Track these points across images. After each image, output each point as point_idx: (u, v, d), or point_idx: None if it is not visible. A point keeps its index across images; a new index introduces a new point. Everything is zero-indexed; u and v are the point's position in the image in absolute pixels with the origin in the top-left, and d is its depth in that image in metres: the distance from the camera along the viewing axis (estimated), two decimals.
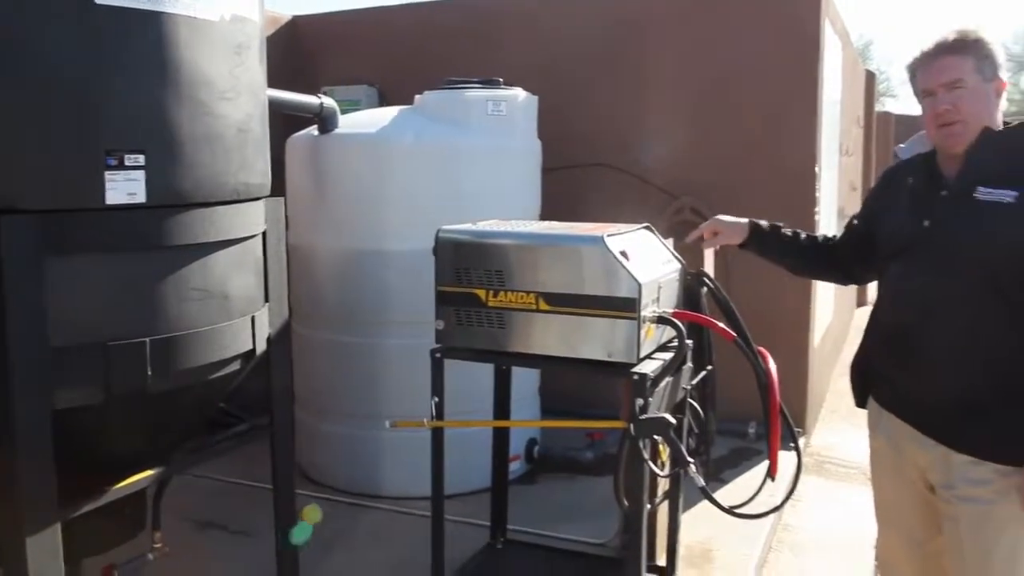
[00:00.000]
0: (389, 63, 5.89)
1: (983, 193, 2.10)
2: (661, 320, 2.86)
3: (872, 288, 2.76)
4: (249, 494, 4.15)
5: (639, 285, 2.72)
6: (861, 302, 10.37)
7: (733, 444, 4.98)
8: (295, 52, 6.22)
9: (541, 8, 5.62)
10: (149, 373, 2.37)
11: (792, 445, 3.11)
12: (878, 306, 2.50)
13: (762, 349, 3.02)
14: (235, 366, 2.74)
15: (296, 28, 6.28)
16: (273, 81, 4.10)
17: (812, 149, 5.13)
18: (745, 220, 2.89)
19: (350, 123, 4.34)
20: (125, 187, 2.26)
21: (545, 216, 4.50)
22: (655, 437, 2.79)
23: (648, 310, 2.80)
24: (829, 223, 5.84)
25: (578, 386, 4.46)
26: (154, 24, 2.29)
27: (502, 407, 3.42)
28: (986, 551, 2.20)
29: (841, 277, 2.99)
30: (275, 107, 3.79)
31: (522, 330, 2.89)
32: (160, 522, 3.05)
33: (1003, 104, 2.23)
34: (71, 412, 2.30)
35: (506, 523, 3.65)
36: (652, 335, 2.87)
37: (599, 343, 2.79)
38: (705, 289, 3.28)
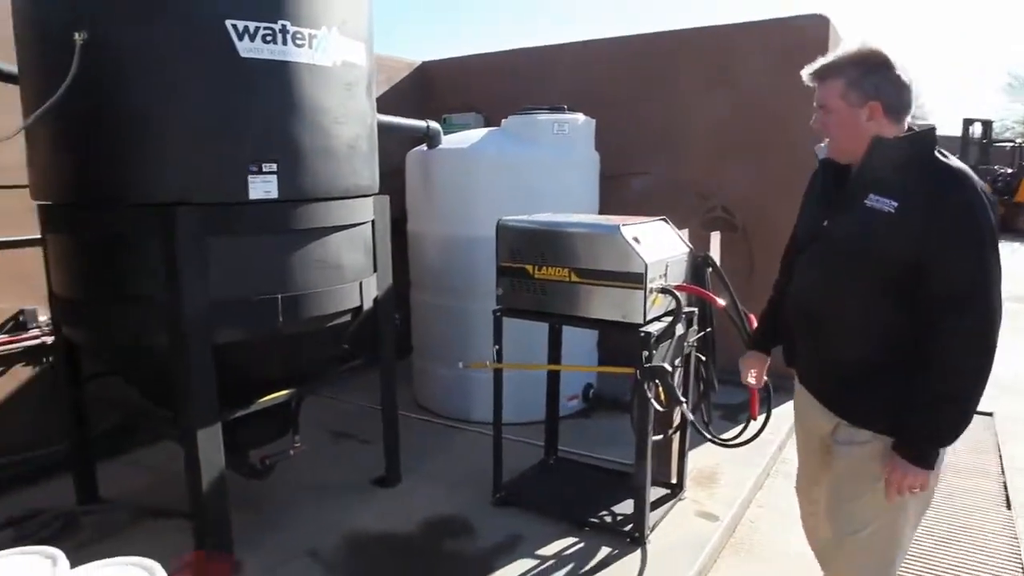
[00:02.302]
0: (490, 94, 5.97)
1: (872, 200, 1.87)
2: (664, 291, 2.84)
3: None
4: (373, 414, 4.34)
5: (646, 264, 2.72)
6: None
7: (747, 392, 4.84)
8: (424, 87, 6.38)
9: (586, 50, 5.64)
10: (280, 320, 2.55)
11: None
12: (787, 292, 2.24)
13: (752, 315, 2.96)
14: (346, 318, 2.90)
15: (424, 70, 6.43)
16: (406, 109, 4.22)
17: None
18: (753, 351, 2.49)
19: (451, 141, 4.42)
20: (263, 187, 2.43)
21: (603, 212, 4.46)
22: (656, 381, 2.80)
23: (655, 283, 2.79)
24: None
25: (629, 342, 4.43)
26: (284, 70, 2.44)
27: (554, 355, 3.47)
28: (857, 494, 2.01)
29: None
30: (391, 130, 3.90)
31: (559, 296, 2.94)
32: (299, 428, 3.24)
33: (896, 120, 1.90)
34: (227, 346, 2.51)
35: (557, 445, 3.72)
36: (659, 303, 2.86)
37: (616, 308, 2.82)
38: (709, 268, 3.23)
